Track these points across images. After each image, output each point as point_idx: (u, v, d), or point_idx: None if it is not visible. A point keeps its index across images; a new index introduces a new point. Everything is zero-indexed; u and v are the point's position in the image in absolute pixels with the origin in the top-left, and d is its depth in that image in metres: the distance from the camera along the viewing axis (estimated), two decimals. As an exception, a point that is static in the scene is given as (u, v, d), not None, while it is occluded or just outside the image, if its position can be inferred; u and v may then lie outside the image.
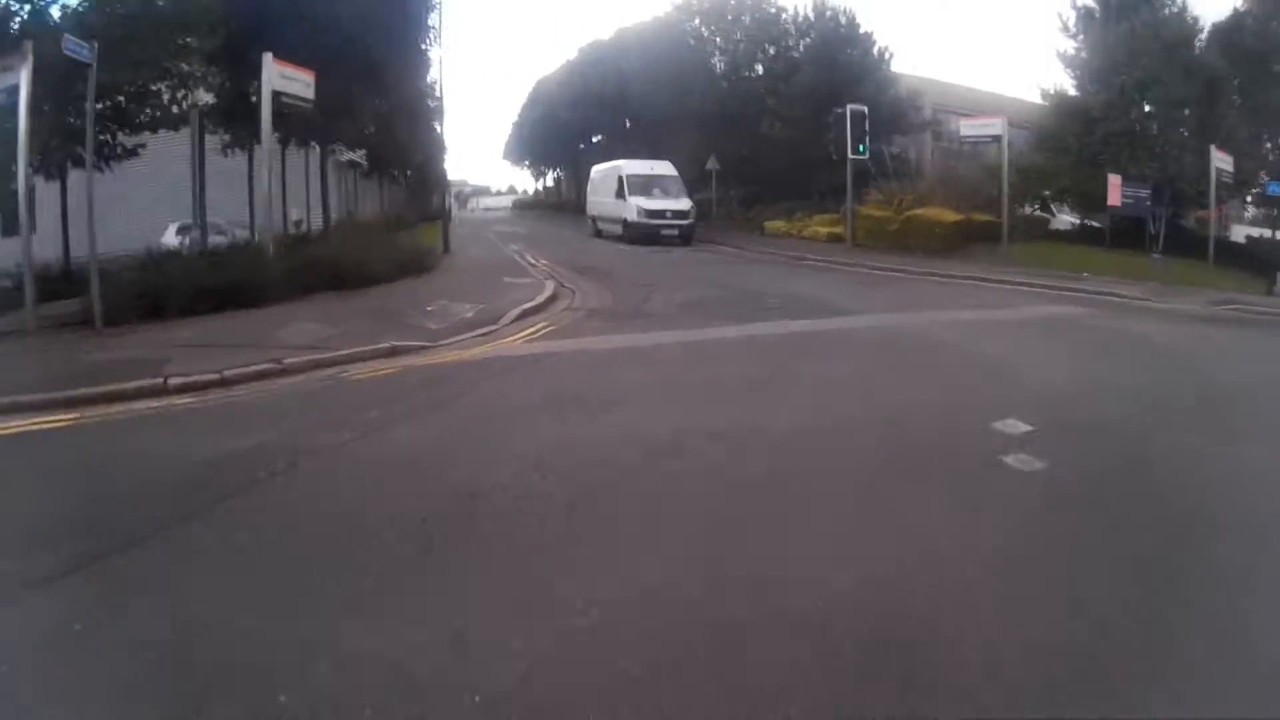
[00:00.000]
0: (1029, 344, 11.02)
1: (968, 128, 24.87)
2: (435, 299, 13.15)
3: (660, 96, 39.53)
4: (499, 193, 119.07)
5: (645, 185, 30.36)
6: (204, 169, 16.95)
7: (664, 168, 31.98)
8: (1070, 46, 28.39)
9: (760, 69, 39.15)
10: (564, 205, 65.36)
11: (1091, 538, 4.70)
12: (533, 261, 22.31)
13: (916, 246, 23.04)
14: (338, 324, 10.90)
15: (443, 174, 34.63)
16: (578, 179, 62.13)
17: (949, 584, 4.06)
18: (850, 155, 25.93)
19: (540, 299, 13.39)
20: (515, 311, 11.97)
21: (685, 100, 37.75)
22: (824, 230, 28.27)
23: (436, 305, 12.52)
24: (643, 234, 28.59)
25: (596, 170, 36.68)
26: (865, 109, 26.66)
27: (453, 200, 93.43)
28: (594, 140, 58.39)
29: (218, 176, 16.88)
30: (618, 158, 34.53)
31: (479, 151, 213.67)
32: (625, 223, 29.73)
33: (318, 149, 23.08)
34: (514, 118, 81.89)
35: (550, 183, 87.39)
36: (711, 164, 35.47)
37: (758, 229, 32.52)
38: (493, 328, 11.02)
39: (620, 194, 30.47)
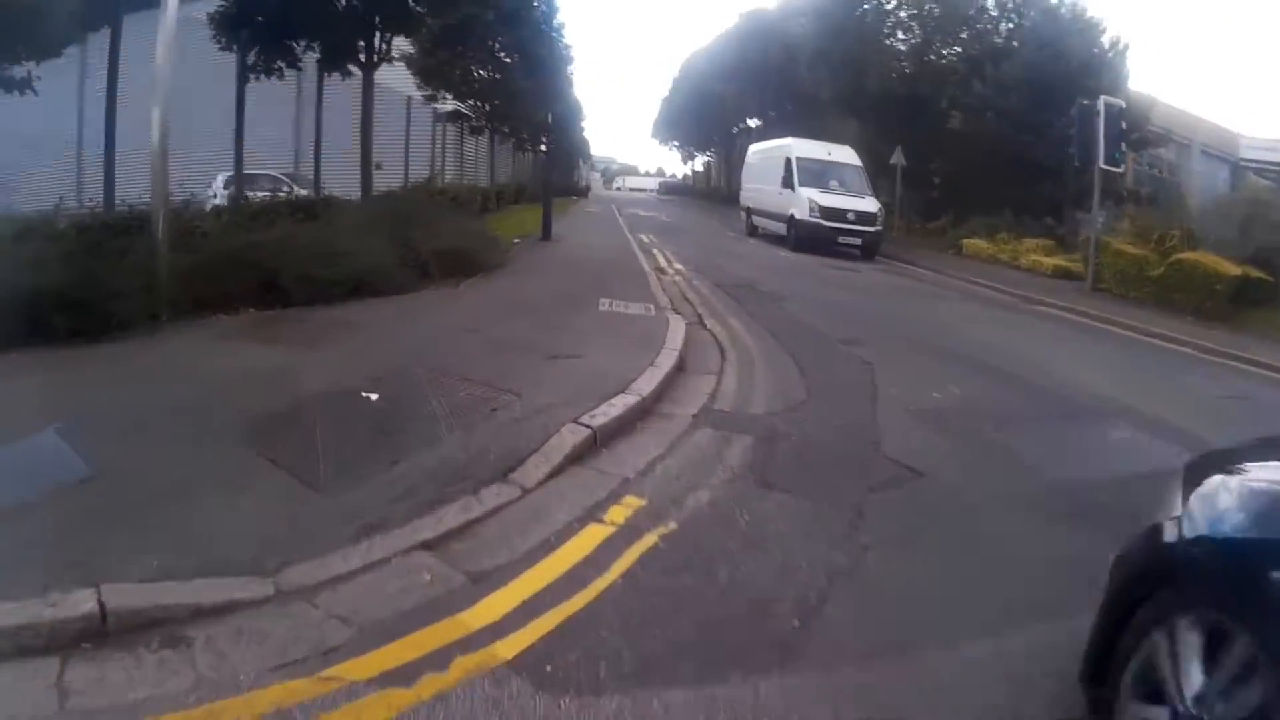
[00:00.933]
0: None
1: (1254, 149, 17.81)
2: (428, 351, 7.07)
3: (831, 73, 33.23)
4: (646, 174, 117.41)
5: (821, 174, 23.76)
6: (243, 105, 13.19)
7: (845, 154, 25.40)
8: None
9: (957, 50, 32.06)
10: (713, 193, 61.20)
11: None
12: (662, 266, 16.51)
13: (1184, 304, 16.03)
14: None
15: (577, 142, 29.89)
16: (730, 164, 57.59)
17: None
18: (1100, 165, 18.33)
19: (645, 382, 6.52)
20: (572, 439, 5.18)
21: (861, 80, 31.22)
22: (1047, 262, 21.13)
23: (386, 391, 5.81)
24: (814, 238, 22.08)
25: (755, 150, 30.15)
26: (1123, 103, 19.66)
27: (593, 176, 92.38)
28: (750, 124, 52.43)
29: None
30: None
31: (628, 129, 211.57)
32: (792, 221, 23.07)
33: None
34: (664, 93, 77.61)
35: (700, 167, 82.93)
36: (897, 158, 28.21)
37: (951, 247, 25.66)
38: (478, 514, 4.22)
39: (787, 182, 23.92)
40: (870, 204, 23.12)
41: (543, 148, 21.49)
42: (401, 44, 23.09)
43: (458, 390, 5.92)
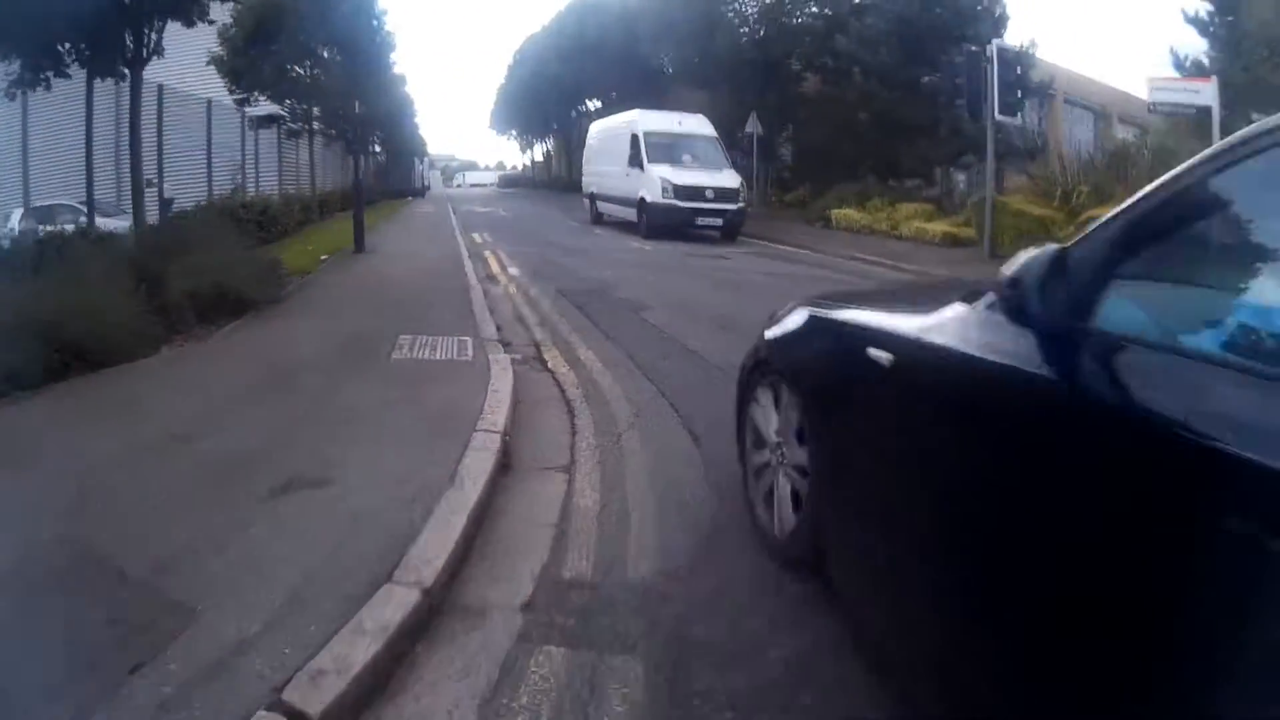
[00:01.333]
0: None
1: (1162, 90, 15.96)
2: (88, 501, 3.68)
3: (677, 43, 30.79)
4: (486, 168, 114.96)
5: (672, 149, 21.00)
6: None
7: (697, 124, 22.65)
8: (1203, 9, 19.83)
9: (812, 9, 29.81)
10: (554, 182, 59.08)
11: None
12: (494, 273, 13.64)
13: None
14: None
15: (409, 139, 28.23)
16: (570, 150, 54.92)
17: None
18: (996, 117, 15.88)
19: (436, 535, 3.42)
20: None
21: (709, 46, 28.77)
22: (933, 228, 18.74)
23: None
24: (669, 222, 19.33)
25: (597, 129, 27.12)
26: (1016, 48, 17.70)
27: (433, 175, 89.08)
28: (591, 107, 49.68)
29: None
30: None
31: (467, 126, 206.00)
32: (643, 204, 20.19)
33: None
34: (500, 82, 74.45)
35: (539, 157, 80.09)
36: (753, 125, 26.05)
37: (819, 219, 23.12)
38: None
39: (635, 161, 21.10)
40: (730, 178, 20.45)
41: (354, 136, 18.27)
42: (210, 43, 21.12)
43: (86, 615, 2.79)
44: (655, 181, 19.53)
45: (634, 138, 21.29)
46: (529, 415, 5.52)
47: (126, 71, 10.38)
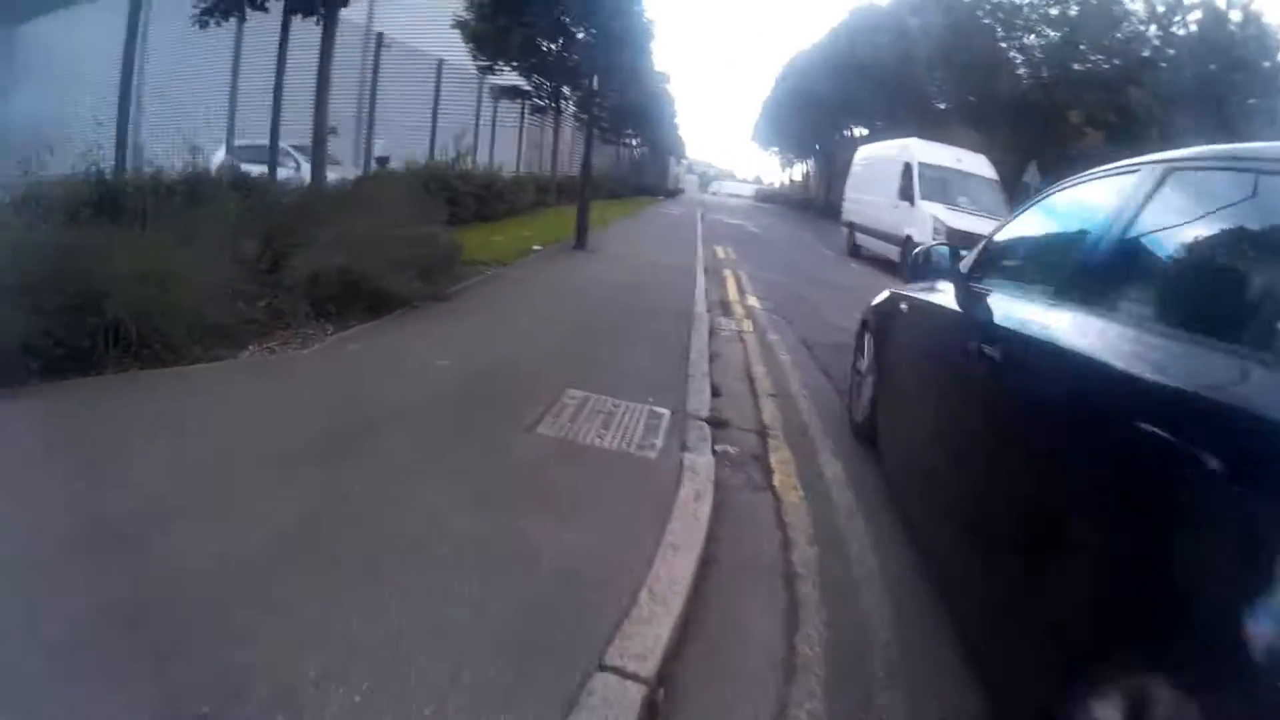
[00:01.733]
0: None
1: None
2: None
3: (954, 75, 27.81)
4: (743, 180, 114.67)
5: (947, 186, 18.04)
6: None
7: (977, 163, 19.54)
8: None
9: (1097, 57, 26.51)
10: (809, 204, 56.61)
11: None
12: (730, 298, 11.53)
13: None
14: None
15: (666, 138, 28.53)
16: (830, 173, 52.62)
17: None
18: None
19: None
20: None
21: (990, 86, 25.54)
22: None
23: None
24: (936, 269, 16.36)
25: (864, 155, 24.21)
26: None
27: (690, 179, 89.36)
28: (854, 134, 46.83)
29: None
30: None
31: (728, 135, 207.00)
32: (908, 244, 16.83)
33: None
34: (765, 94, 74.48)
35: (798, 175, 79.62)
36: (1031, 176, 22.33)
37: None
38: None
39: (905, 194, 18.31)
40: (1009, 230, 17.24)
41: (590, 118, 16.56)
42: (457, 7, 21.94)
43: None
44: (926, 220, 16.68)
45: (906, 168, 18.54)
46: (719, 598, 3.17)
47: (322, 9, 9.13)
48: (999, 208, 17.55)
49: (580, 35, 22.45)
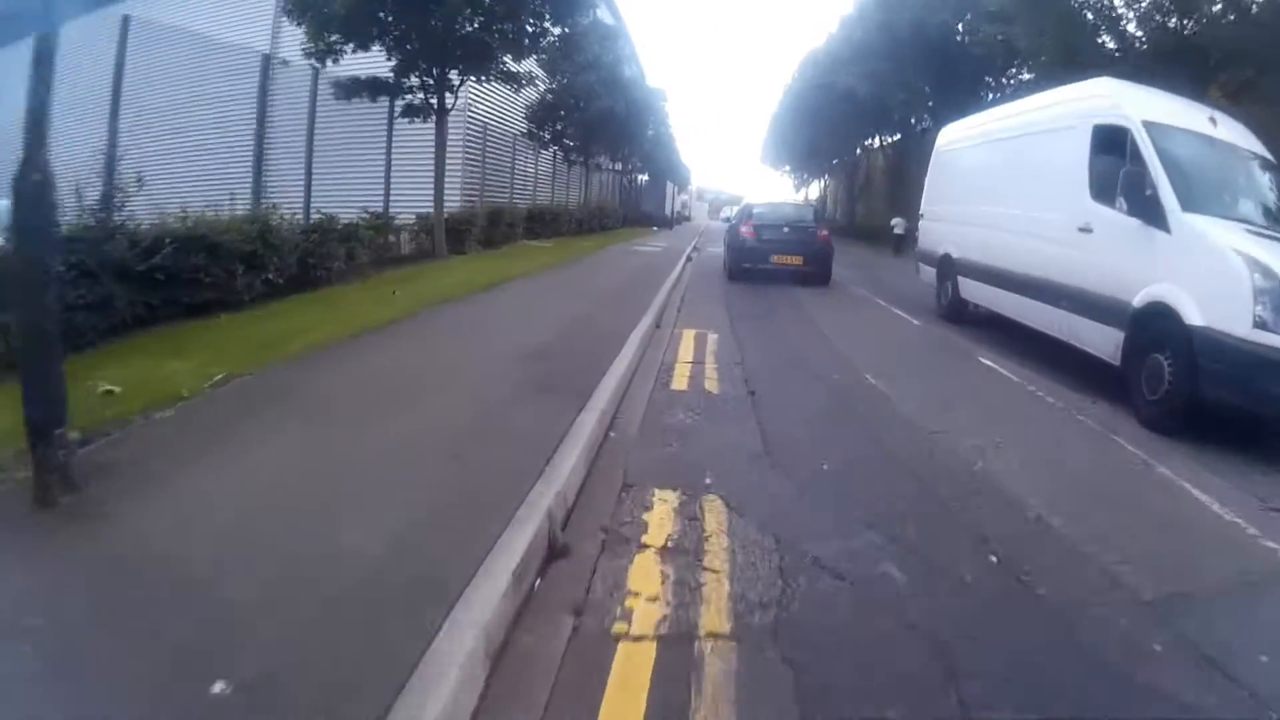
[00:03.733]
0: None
1: None
2: None
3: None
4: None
5: (1226, 181, 7.92)
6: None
7: (1235, 132, 8.85)
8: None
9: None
10: (830, 224, 46.51)
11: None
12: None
13: None
14: None
15: (664, 163, 33.07)
16: (852, 188, 46.13)
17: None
18: None
19: None
20: None
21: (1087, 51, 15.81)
22: None
23: None
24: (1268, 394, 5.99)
25: (967, 132, 13.34)
26: None
27: (697, 206, 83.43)
28: (877, 142, 39.97)
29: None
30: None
31: (736, 161, 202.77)
32: (1177, 334, 6.59)
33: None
34: (773, 109, 67.67)
35: (813, 196, 71.58)
36: None
37: None
38: None
39: (1133, 199, 7.60)
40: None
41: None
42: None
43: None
44: (1215, 265, 6.59)
45: (1112, 136, 8.40)
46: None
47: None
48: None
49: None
